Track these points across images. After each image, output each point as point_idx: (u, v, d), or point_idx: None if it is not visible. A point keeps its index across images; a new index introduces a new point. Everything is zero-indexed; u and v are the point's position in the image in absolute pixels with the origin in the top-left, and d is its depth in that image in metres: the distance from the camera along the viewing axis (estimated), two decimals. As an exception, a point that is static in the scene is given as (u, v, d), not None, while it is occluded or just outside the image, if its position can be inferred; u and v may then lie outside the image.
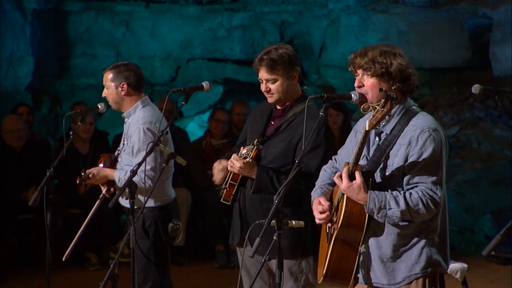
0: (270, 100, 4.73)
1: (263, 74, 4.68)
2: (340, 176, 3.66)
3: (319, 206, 3.85)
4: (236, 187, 4.74)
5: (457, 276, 5.97)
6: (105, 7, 11.37)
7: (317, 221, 3.88)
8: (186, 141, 9.19)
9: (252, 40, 11.98)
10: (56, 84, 11.54)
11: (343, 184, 3.64)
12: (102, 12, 11.42)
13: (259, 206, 4.66)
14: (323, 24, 11.93)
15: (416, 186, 3.65)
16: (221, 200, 4.82)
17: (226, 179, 4.76)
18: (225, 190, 4.75)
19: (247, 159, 4.61)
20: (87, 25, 11.40)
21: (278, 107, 4.77)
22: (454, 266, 5.97)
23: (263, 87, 4.71)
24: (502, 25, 10.38)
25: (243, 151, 4.70)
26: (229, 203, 4.80)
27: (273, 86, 4.67)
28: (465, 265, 5.96)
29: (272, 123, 4.79)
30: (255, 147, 4.67)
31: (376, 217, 3.64)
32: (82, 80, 11.56)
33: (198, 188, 8.55)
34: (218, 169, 4.83)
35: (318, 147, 4.55)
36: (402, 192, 3.64)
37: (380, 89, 3.69)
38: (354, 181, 3.62)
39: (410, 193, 3.62)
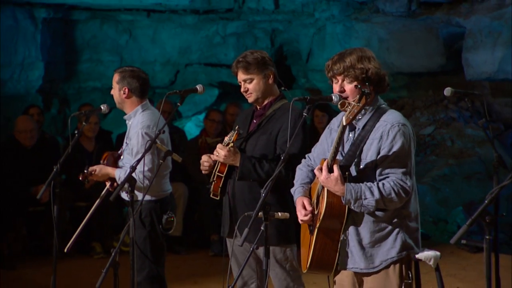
0: (250, 99, 4.76)
1: (240, 76, 4.74)
2: (320, 169, 3.67)
3: (303, 210, 3.86)
4: (222, 179, 4.73)
5: (431, 263, 5.95)
6: (110, 16, 11.36)
7: (300, 221, 3.90)
8: (184, 140, 9.20)
9: (245, 46, 11.97)
10: (65, 87, 11.53)
11: (323, 176, 3.64)
12: (107, 21, 11.41)
13: (247, 197, 4.66)
14: (310, 32, 11.94)
15: (388, 177, 3.66)
16: (211, 196, 4.82)
17: (213, 172, 4.76)
18: (213, 182, 4.75)
19: (230, 145, 4.63)
20: (93, 33, 11.38)
21: (259, 107, 4.80)
22: (428, 254, 5.96)
23: (242, 88, 4.76)
24: (473, 33, 10.38)
25: (226, 138, 4.74)
26: (217, 198, 4.80)
27: (250, 86, 4.71)
28: (438, 253, 5.95)
29: (255, 121, 4.82)
30: (235, 131, 4.71)
31: (353, 207, 3.66)
32: (89, 84, 11.55)
33: (194, 183, 8.56)
34: (205, 160, 4.81)
35: (297, 135, 4.51)
36: (375, 183, 3.65)
37: (355, 86, 3.70)
38: (332, 174, 3.62)
39: (383, 184, 3.63)
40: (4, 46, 9.95)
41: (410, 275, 3.79)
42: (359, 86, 3.66)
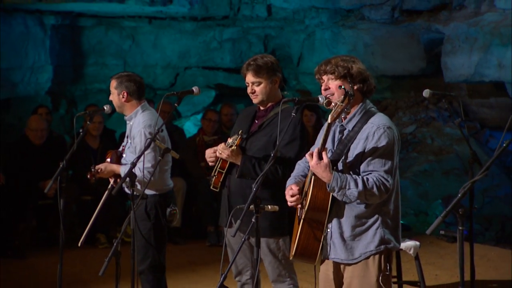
0: (255, 100, 4.74)
1: (249, 78, 4.70)
2: (311, 155, 3.67)
3: (290, 190, 3.86)
4: (223, 174, 4.74)
5: (411, 252, 6.00)
6: (114, 23, 11.36)
7: (289, 203, 3.89)
8: (183, 138, 9.19)
9: (240, 51, 11.99)
10: (72, 89, 11.53)
11: (313, 161, 3.62)
12: (111, 27, 11.40)
13: (244, 191, 4.66)
14: (301, 37, 11.95)
15: (371, 173, 3.66)
16: (211, 187, 4.83)
17: (215, 167, 4.77)
18: (214, 177, 4.76)
19: (233, 147, 4.63)
20: (99, 38, 11.39)
21: (262, 108, 4.79)
22: (408, 244, 6.00)
23: (249, 89, 4.72)
24: (452, 39, 10.40)
25: (229, 140, 4.73)
26: (217, 190, 4.81)
27: (257, 88, 4.69)
28: (417, 243, 6.00)
29: (256, 122, 4.80)
30: (239, 136, 4.70)
31: (336, 195, 3.64)
32: (94, 85, 11.55)
33: (192, 178, 8.55)
34: (210, 155, 4.80)
35: (294, 140, 4.56)
36: (360, 176, 3.65)
37: (339, 87, 3.70)
38: (322, 160, 3.61)
39: (367, 178, 3.63)
40: (15, 51, 9.95)
41: (389, 267, 3.75)
42: (343, 87, 3.66)
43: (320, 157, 3.62)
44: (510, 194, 9.69)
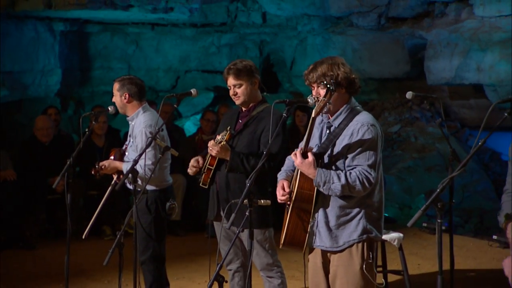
0: (237, 102, 4.76)
1: (231, 81, 4.73)
2: (296, 154, 3.68)
3: (281, 190, 3.83)
4: (212, 171, 4.75)
5: (395, 243, 6.00)
6: (119, 29, 11.35)
7: (278, 200, 3.88)
8: (183, 136, 9.20)
9: (237, 55, 11.98)
10: (80, 91, 11.53)
11: (298, 160, 3.64)
12: (116, 33, 11.40)
13: (232, 187, 4.68)
14: (294, 43, 11.96)
15: (355, 168, 3.66)
16: (200, 185, 4.83)
17: (204, 164, 4.78)
18: (204, 174, 4.77)
19: (222, 143, 4.65)
20: (104, 44, 11.39)
21: (244, 109, 4.81)
22: (393, 236, 6.00)
23: (231, 92, 4.76)
24: (434, 44, 10.42)
25: (218, 137, 4.74)
26: (206, 187, 4.82)
27: (239, 90, 4.71)
28: (401, 235, 6.00)
29: (240, 121, 4.82)
30: (228, 132, 4.71)
31: (321, 189, 3.65)
32: (100, 88, 11.55)
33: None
34: (193, 165, 4.83)
35: (277, 136, 4.56)
36: (343, 171, 3.65)
37: (321, 82, 3.71)
38: (306, 159, 3.62)
39: (350, 172, 3.63)
40: (26, 55, 9.94)
41: (371, 256, 3.75)
42: (325, 83, 3.67)
43: (304, 156, 3.64)
44: (488, 189, 9.70)
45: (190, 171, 4.85)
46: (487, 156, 10.49)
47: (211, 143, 4.70)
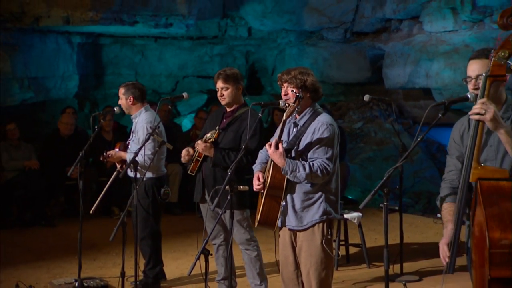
0: (223, 102, 4.76)
1: (219, 84, 4.72)
2: (270, 145, 3.68)
3: (257, 181, 3.84)
4: (200, 161, 4.75)
5: (355, 221, 6.04)
6: (128, 41, 11.30)
7: (254, 189, 3.89)
8: (180, 132, 9.18)
9: (227, 63, 11.95)
10: (94, 93, 11.46)
11: (271, 150, 3.64)
12: (125, 45, 11.34)
13: (216, 175, 4.70)
14: (274, 53, 11.94)
15: (316, 160, 3.67)
16: (188, 172, 4.84)
17: (194, 155, 4.78)
18: (192, 163, 4.77)
19: (210, 140, 4.64)
20: (115, 54, 11.32)
21: (228, 110, 4.80)
22: (353, 215, 6.02)
23: (219, 93, 4.75)
24: (390, 54, 10.43)
25: (208, 134, 4.73)
26: (193, 174, 4.83)
27: (225, 93, 4.70)
28: (360, 214, 6.03)
29: (224, 120, 4.81)
30: (217, 131, 4.71)
31: (289, 177, 3.66)
32: (112, 91, 11.44)
33: (186, 164, 8.53)
34: (184, 154, 4.82)
35: (255, 135, 4.57)
36: (307, 162, 3.67)
37: (292, 90, 3.71)
38: (278, 150, 3.63)
39: (313, 164, 3.65)
40: (49, 63, 9.88)
41: (330, 233, 3.77)
42: (294, 91, 3.68)
43: (276, 147, 3.64)
44: (435, 175, 9.74)
45: (183, 159, 4.85)
46: (434, 148, 10.54)
47: (199, 142, 4.70)
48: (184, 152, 4.83)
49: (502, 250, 2.49)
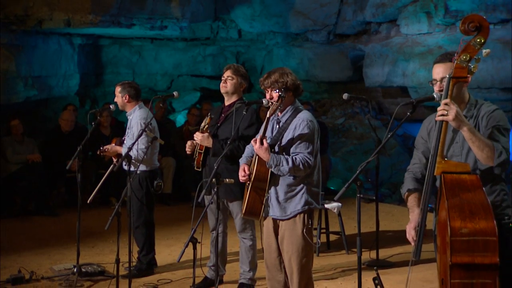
0: (223, 90, 4.71)
1: (227, 73, 4.69)
2: (255, 141, 3.68)
3: (242, 172, 3.83)
4: (202, 154, 4.71)
5: (335, 211, 6.04)
6: (126, 42, 11.27)
7: (240, 180, 3.88)
8: (173, 127, 9.15)
9: (219, 63, 11.96)
10: (94, 91, 11.43)
11: (257, 145, 3.64)
12: (123, 46, 11.32)
13: (220, 168, 4.63)
14: (263, 53, 11.93)
15: (298, 154, 3.67)
16: (195, 168, 4.80)
17: (196, 150, 4.75)
18: (195, 158, 4.74)
19: (205, 128, 4.62)
20: (114, 54, 11.30)
21: (226, 104, 4.77)
22: (333, 205, 6.03)
23: (222, 82, 4.71)
24: (370, 55, 10.46)
25: (202, 123, 4.72)
26: (200, 170, 4.78)
27: (229, 82, 4.67)
28: (340, 204, 6.03)
29: (223, 115, 4.78)
30: (208, 116, 4.69)
31: (273, 170, 3.66)
32: (111, 88, 11.25)
33: (180, 157, 8.51)
34: (188, 144, 4.81)
35: (253, 124, 4.56)
36: (290, 156, 3.66)
37: (275, 90, 3.72)
38: (263, 145, 3.63)
39: (295, 158, 3.64)
40: (52, 63, 9.83)
41: (311, 222, 3.78)
42: (277, 91, 3.68)
43: (261, 143, 3.64)
44: (411, 167, 9.78)
45: (188, 149, 4.78)
46: (411, 142, 10.57)
47: (197, 133, 4.68)
48: (188, 142, 4.79)
49: (462, 238, 2.52)
